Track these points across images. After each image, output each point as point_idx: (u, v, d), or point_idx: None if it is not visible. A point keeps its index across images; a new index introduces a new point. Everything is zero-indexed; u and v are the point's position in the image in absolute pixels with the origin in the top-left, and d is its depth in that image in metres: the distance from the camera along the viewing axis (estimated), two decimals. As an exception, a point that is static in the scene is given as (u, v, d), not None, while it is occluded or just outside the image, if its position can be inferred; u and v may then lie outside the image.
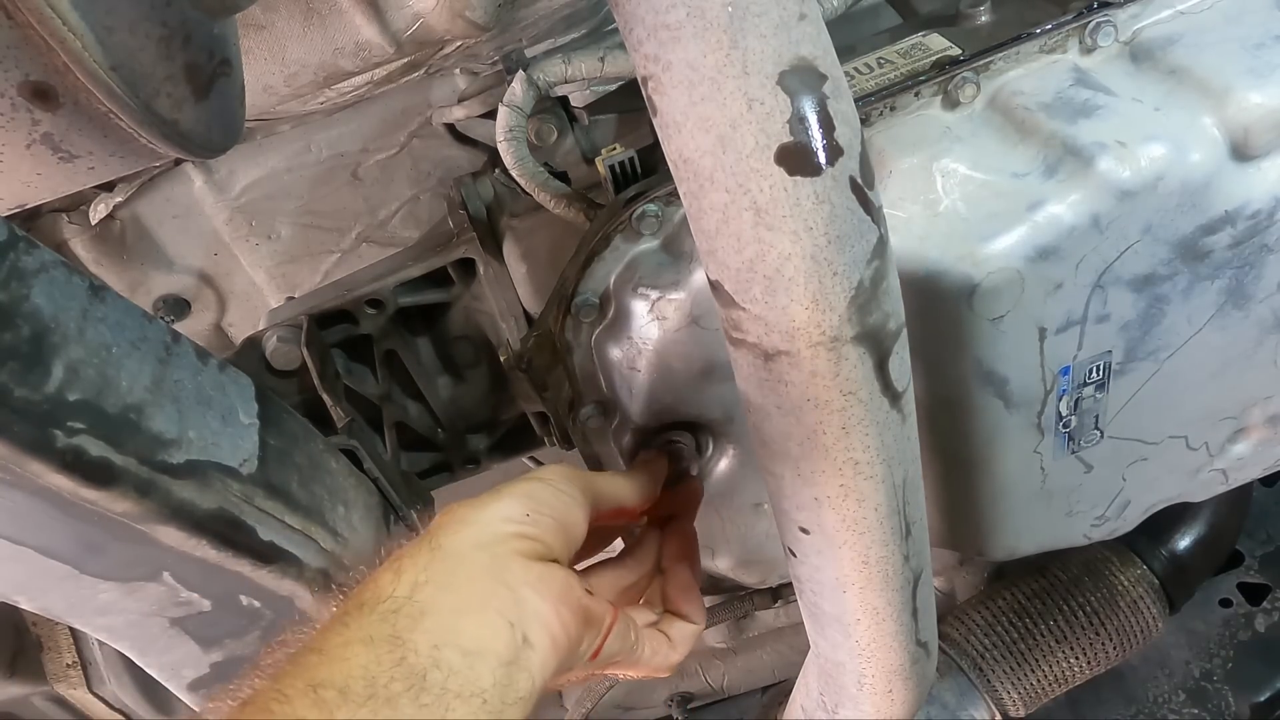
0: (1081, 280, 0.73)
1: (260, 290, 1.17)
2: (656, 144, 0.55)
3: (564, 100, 1.00)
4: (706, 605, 1.36)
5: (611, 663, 0.66)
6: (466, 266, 1.07)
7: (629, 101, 1.00)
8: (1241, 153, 0.71)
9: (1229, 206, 0.73)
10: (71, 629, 1.00)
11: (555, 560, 0.61)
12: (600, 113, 1.01)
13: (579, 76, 0.95)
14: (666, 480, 0.79)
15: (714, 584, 1.03)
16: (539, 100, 0.96)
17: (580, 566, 0.69)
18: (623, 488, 0.72)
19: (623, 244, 0.78)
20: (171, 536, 0.67)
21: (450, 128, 1.08)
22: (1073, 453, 0.84)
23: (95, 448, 0.61)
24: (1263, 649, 1.45)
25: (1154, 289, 0.76)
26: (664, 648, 0.71)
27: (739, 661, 1.68)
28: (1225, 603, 1.49)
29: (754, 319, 0.55)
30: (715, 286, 0.56)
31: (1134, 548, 1.26)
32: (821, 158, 0.51)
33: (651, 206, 0.77)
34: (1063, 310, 0.74)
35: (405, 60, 0.85)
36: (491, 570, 0.56)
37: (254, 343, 1.01)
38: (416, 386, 1.14)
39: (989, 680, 1.21)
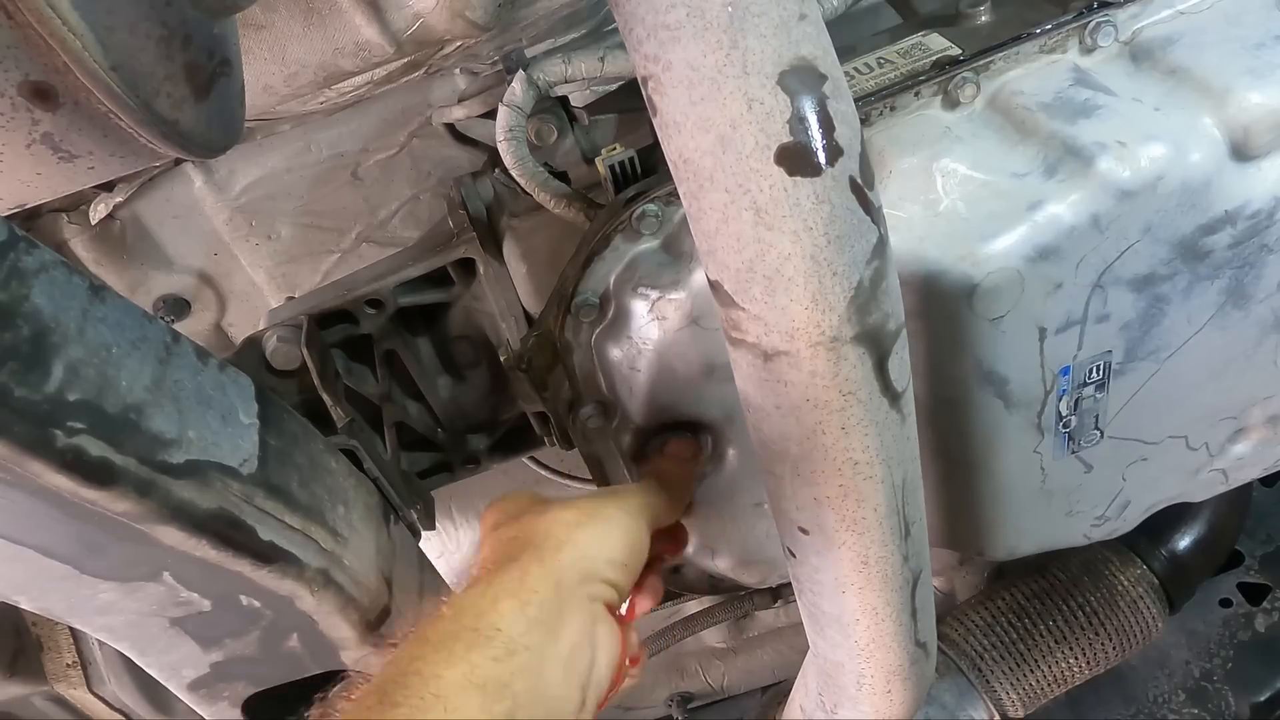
0: (1081, 280, 0.73)
1: (260, 290, 1.17)
2: (656, 144, 0.55)
3: (564, 100, 1.00)
4: (706, 605, 1.37)
5: None
6: (466, 266, 1.07)
7: (629, 101, 1.00)
8: (1241, 153, 0.71)
9: (1229, 206, 0.73)
10: (71, 629, 1.00)
11: (618, 605, 0.63)
12: (600, 113, 1.01)
13: (579, 76, 0.95)
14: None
15: (714, 584, 1.03)
16: (539, 100, 0.96)
17: None
18: (669, 513, 0.73)
19: (623, 244, 0.78)
20: (171, 536, 0.67)
21: (450, 128, 1.08)
22: (1073, 453, 0.84)
23: (95, 448, 0.61)
24: (1263, 649, 1.45)
25: (1154, 289, 0.76)
26: None
27: (739, 661, 1.68)
28: (1225, 603, 1.49)
29: (754, 319, 0.55)
30: (715, 286, 0.56)
31: (1134, 548, 1.26)
32: (821, 158, 0.51)
33: (651, 206, 0.77)
34: (1063, 310, 0.74)
35: (405, 60, 0.85)
36: (585, 623, 0.58)
37: (254, 343, 1.00)
38: (416, 386, 1.14)
39: (988, 680, 1.21)
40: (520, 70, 0.94)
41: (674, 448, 0.82)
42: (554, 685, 0.54)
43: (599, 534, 0.62)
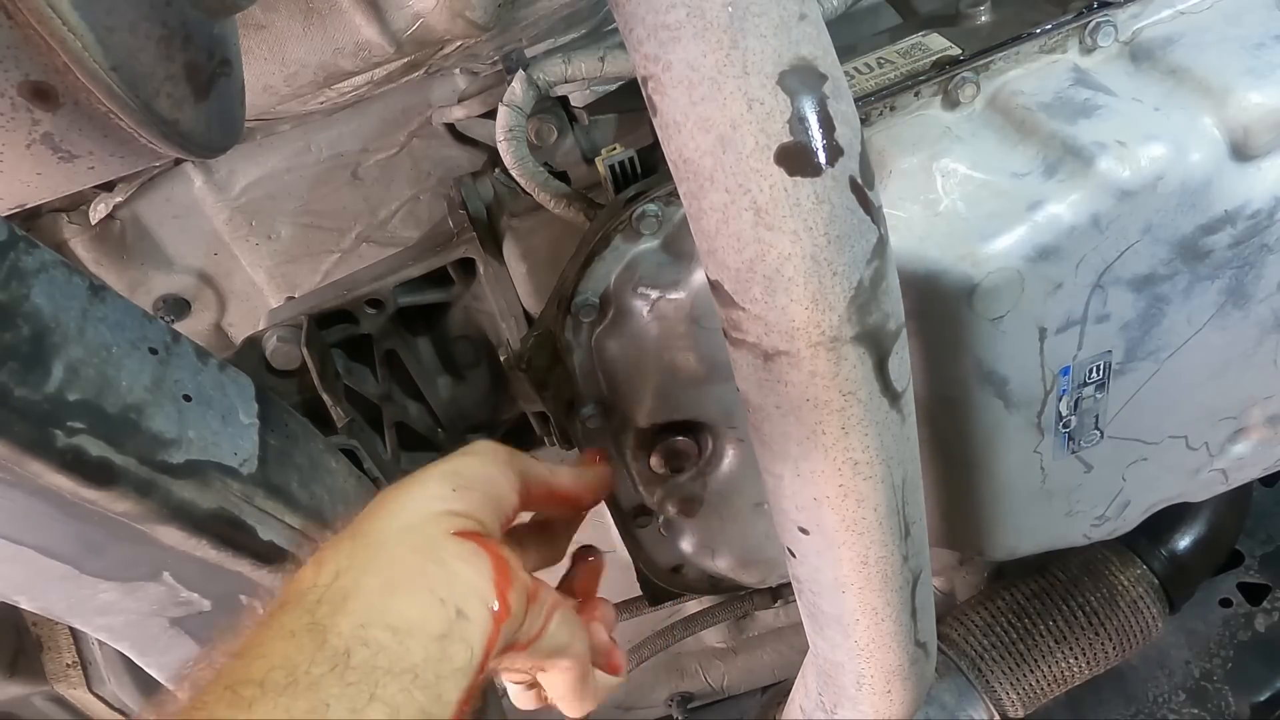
0: (1081, 280, 0.73)
1: (260, 290, 1.17)
2: (656, 144, 0.55)
3: (564, 100, 1.00)
4: (706, 605, 1.37)
5: (554, 657, 0.62)
6: (466, 266, 1.07)
7: (629, 101, 1.00)
8: (1241, 153, 0.71)
9: (1229, 206, 0.73)
10: (71, 629, 1.00)
11: (489, 535, 0.58)
12: (600, 113, 1.01)
13: (579, 76, 0.95)
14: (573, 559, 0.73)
15: (714, 584, 1.03)
16: (539, 100, 0.96)
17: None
18: (555, 471, 0.68)
19: (623, 244, 0.78)
20: (171, 536, 0.67)
21: (450, 128, 1.08)
22: (1073, 453, 0.84)
23: (95, 448, 0.61)
24: (1263, 649, 1.45)
25: (1154, 289, 0.76)
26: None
27: (739, 661, 1.68)
28: (1225, 603, 1.49)
29: (754, 319, 0.55)
30: (715, 286, 0.56)
31: (1134, 548, 1.26)
32: (821, 158, 0.51)
33: (651, 206, 0.77)
34: (1063, 310, 0.74)
35: (405, 60, 0.85)
36: (420, 549, 0.53)
37: (254, 343, 1.01)
38: (416, 386, 1.14)
39: (988, 681, 1.21)
40: (520, 70, 0.94)
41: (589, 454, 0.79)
42: (393, 609, 0.49)
43: (415, 483, 0.58)
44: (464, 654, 0.50)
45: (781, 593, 1.29)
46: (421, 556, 0.53)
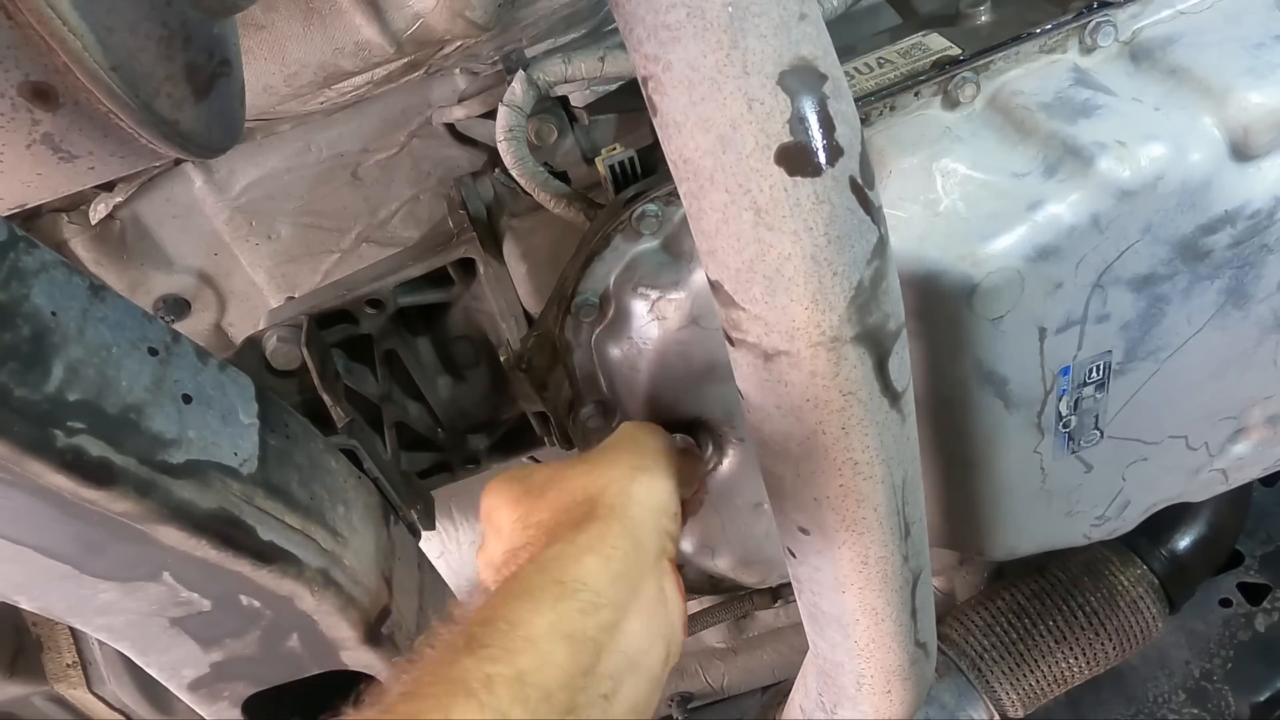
0: (1081, 280, 0.73)
1: (260, 290, 1.17)
2: (656, 144, 0.55)
3: (564, 100, 1.00)
4: (706, 605, 1.37)
5: None
6: (466, 266, 1.07)
7: (629, 101, 1.00)
8: (1241, 152, 0.71)
9: (1229, 206, 0.73)
10: (71, 629, 1.00)
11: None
12: (600, 113, 1.01)
13: (579, 76, 0.95)
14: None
15: (714, 584, 1.03)
16: (539, 100, 0.96)
17: None
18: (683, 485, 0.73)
19: (623, 244, 0.78)
20: (171, 536, 0.67)
21: (450, 128, 1.08)
22: (1073, 453, 0.84)
23: (95, 448, 0.61)
24: (1263, 649, 1.45)
25: (1154, 289, 0.76)
26: None
27: (739, 661, 1.68)
28: (1225, 603, 1.49)
29: (754, 319, 0.55)
30: (715, 286, 0.56)
31: (1134, 548, 1.26)
32: (821, 158, 0.51)
33: (651, 206, 0.77)
34: (1063, 310, 0.74)
35: (405, 60, 0.85)
36: (658, 577, 0.59)
37: (254, 343, 1.01)
38: (416, 386, 1.14)
39: (988, 681, 1.21)
40: (520, 70, 0.94)
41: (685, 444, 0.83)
42: (637, 638, 0.54)
43: (651, 487, 0.63)
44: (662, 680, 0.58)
45: (781, 593, 1.28)
46: (659, 590, 0.59)
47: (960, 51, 0.79)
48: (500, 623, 0.50)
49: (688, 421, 0.85)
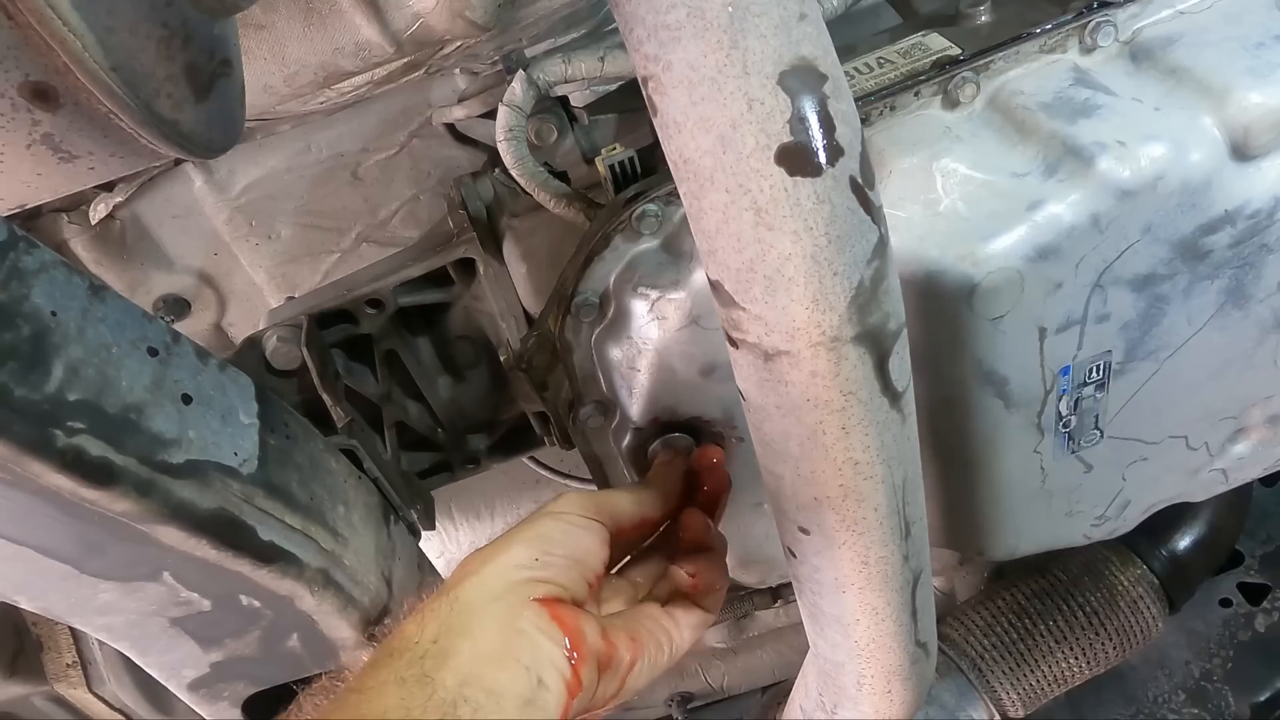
0: (1081, 280, 0.73)
1: (260, 290, 1.17)
2: (656, 144, 0.55)
3: (564, 100, 1.00)
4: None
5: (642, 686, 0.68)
6: (466, 266, 1.07)
7: (629, 101, 1.00)
8: (1241, 152, 0.71)
9: (1229, 206, 0.73)
10: (71, 629, 1.00)
11: (573, 598, 0.63)
12: (600, 113, 1.01)
13: (579, 76, 0.95)
14: (693, 470, 0.79)
15: (714, 584, 1.03)
16: (539, 100, 0.96)
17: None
18: (641, 502, 0.73)
19: (623, 244, 0.78)
20: (171, 536, 0.67)
21: (450, 128, 1.08)
22: (1073, 453, 0.84)
23: (95, 448, 0.61)
24: (1263, 649, 1.45)
25: (1154, 289, 0.76)
26: (672, 640, 0.70)
27: (739, 661, 1.68)
28: (1225, 603, 1.49)
29: (754, 319, 0.55)
30: (715, 286, 0.56)
31: (1134, 548, 1.26)
32: (822, 158, 0.51)
33: (651, 206, 0.77)
34: (1063, 310, 0.74)
35: (405, 60, 0.85)
36: (506, 618, 0.59)
37: (254, 343, 1.01)
38: (416, 386, 1.14)
39: (988, 681, 1.21)
40: (520, 70, 0.94)
41: (661, 456, 0.84)
42: (488, 673, 0.55)
43: (502, 550, 0.63)
44: (543, 717, 0.57)
45: (781, 593, 1.29)
46: (508, 626, 0.59)
47: (960, 51, 0.79)
48: (347, 694, 0.55)
49: (688, 421, 0.85)
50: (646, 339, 0.79)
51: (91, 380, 0.62)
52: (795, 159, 0.50)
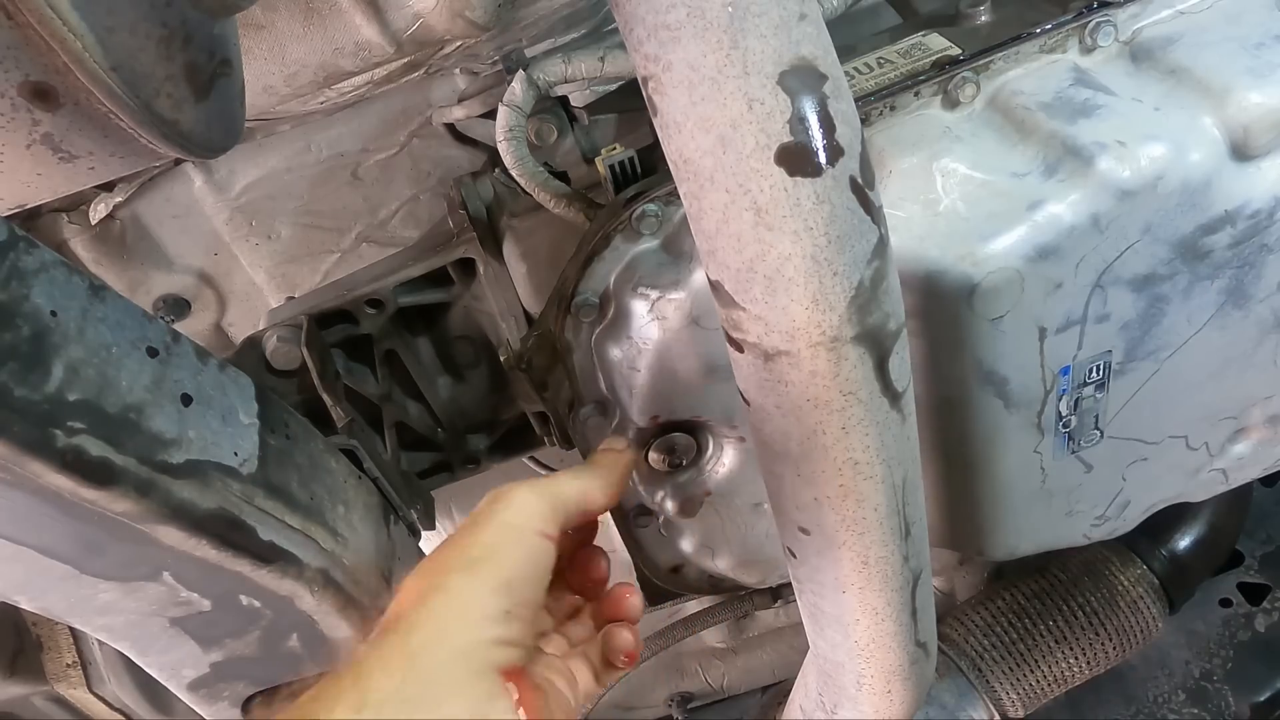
0: (1081, 280, 0.73)
1: (260, 290, 1.17)
2: (656, 144, 0.55)
3: (564, 100, 1.00)
4: (706, 605, 1.37)
5: None
6: (466, 266, 1.07)
7: (629, 101, 1.00)
8: (1241, 152, 0.71)
9: (1229, 206, 0.73)
10: (71, 629, 1.00)
11: (527, 650, 0.58)
12: (600, 113, 1.01)
13: (579, 76, 0.95)
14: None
15: (714, 584, 1.03)
16: (539, 100, 0.96)
17: None
18: (589, 492, 0.67)
19: (623, 244, 0.78)
20: (171, 536, 0.67)
21: (450, 128, 1.08)
22: (1073, 453, 0.84)
23: (95, 448, 0.61)
24: (1263, 649, 1.45)
25: (1154, 289, 0.76)
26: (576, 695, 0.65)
27: (739, 661, 1.68)
28: (1225, 603, 1.49)
29: (754, 319, 0.55)
30: (715, 286, 0.56)
31: (1134, 548, 1.26)
32: (822, 158, 0.51)
33: (651, 206, 0.77)
34: (1063, 310, 0.74)
35: (405, 60, 0.85)
36: (471, 691, 0.53)
37: (254, 343, 1.01)
38: (416, 386, 1.14)
39: (988, 681, 1.21)
40: (520, 70, 0.94)
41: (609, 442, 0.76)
42: None
43: (468, 594, 0.56)
44: None
45: (781, 593, 1.28)
46: (472, 702, 0.53)
47: (960, 51, 0.79)
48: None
49: (688, 421, 0.85)
50: (646, 339, 0.79)
51: (91, 380, 0.62)
52: (795, 159, 0.50)
